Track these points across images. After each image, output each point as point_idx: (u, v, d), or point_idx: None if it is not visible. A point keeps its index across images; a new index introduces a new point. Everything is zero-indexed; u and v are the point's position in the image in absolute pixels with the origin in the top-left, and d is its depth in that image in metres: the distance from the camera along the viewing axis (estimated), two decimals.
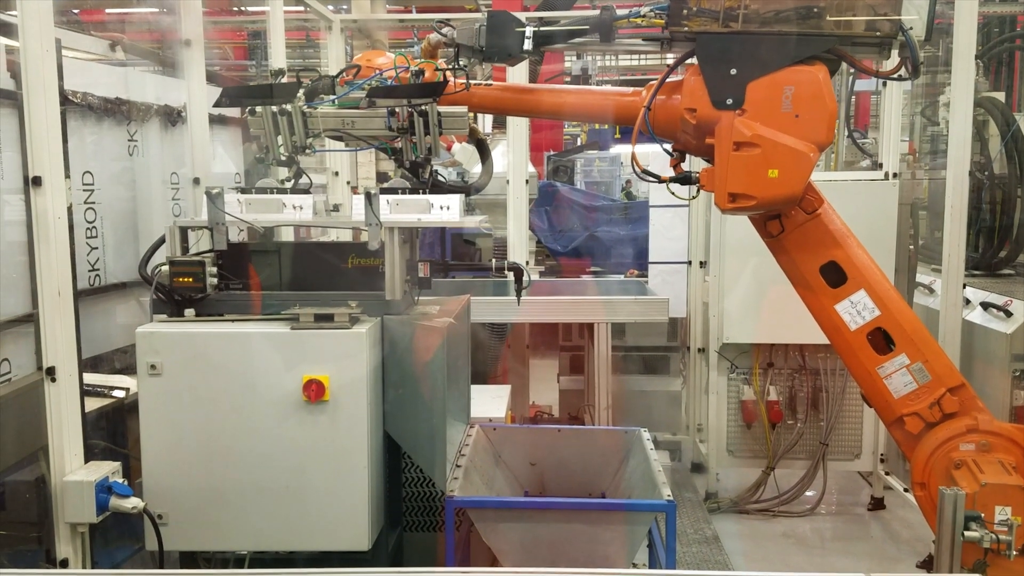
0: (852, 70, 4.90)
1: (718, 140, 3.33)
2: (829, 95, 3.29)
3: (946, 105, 6.19)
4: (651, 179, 3.71)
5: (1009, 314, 5.20)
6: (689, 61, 3.44)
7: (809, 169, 3.34)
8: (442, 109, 3.53)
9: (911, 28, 3.24)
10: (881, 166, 5.73)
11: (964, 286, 5.31)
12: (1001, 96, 7.02)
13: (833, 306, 3.54)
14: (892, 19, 3.22)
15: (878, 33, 3.25)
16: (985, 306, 5.42)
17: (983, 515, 3.07)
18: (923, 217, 6.99)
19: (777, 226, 3.55)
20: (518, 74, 5.38)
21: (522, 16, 3.83)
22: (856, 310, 3.52)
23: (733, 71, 3.28)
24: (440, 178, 3.77)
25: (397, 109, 3.47)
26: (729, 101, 3.30)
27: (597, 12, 3.59)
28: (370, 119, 3.57)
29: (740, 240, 5.68)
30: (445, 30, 3.68)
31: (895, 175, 5.66)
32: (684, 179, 3.59)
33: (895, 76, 3.50)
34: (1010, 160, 6.25)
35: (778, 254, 3.65)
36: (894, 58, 3.38)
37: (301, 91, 3.60)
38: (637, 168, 3.66)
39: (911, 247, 5.79)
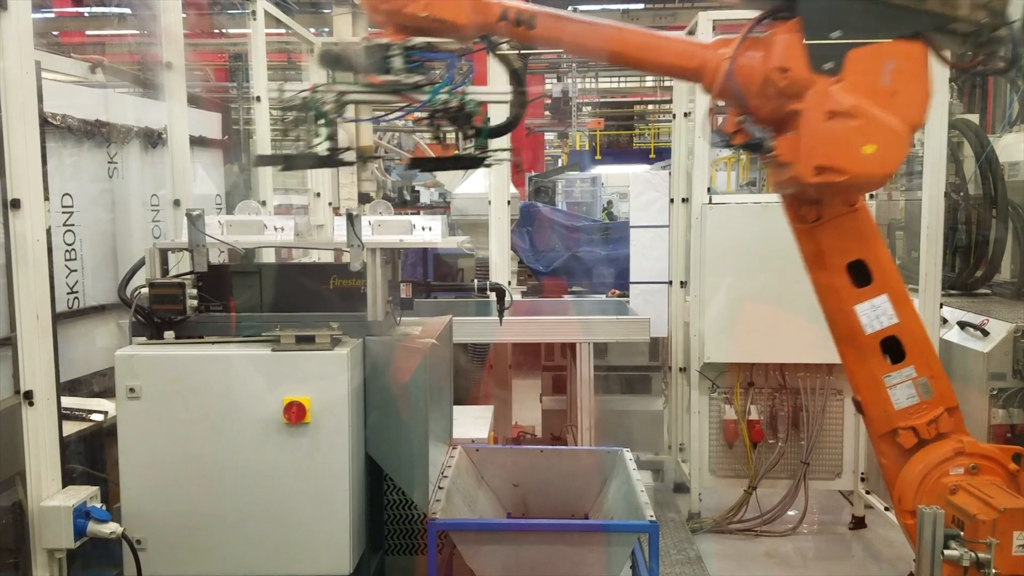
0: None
1: (808, 107, 3.10)
2: (928, 76, 3.12)
3: (921, 127, 6.29)
4: (720, 143, 3.49)
5: (986, 333, 5.25)
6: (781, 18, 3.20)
7: (905, 150, 3.18)
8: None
9: (1015, 21, 3.09)
10: None
11: (941, 306, 5.38)
12: (975, 118, 7.14)
13: (853, 306, 3.44)
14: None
15: (982, 20, 3.06)
16: (962, 325, 5.48)
17: (962, 534, 3.09)
18: (900, 237, 7.08)
19: (813, 213, 3.40)
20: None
21: None
22: (876, 314, 3.44)
23: (837, 34, 3.06)
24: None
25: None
26: (828, 66, 3.07)
27: None
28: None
29: (720, 260, 5.72)
30: None
31: (872, 196, 5.72)
32: (755, 146, 3.33)
33: (995, 70, 3.31)
34: (984, 181, 6.34)
35: (805, 242, 3.51)
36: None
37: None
38: (710, 128, 3.43)
39: None
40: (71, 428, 3.63)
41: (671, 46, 3.46)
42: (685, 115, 6.53)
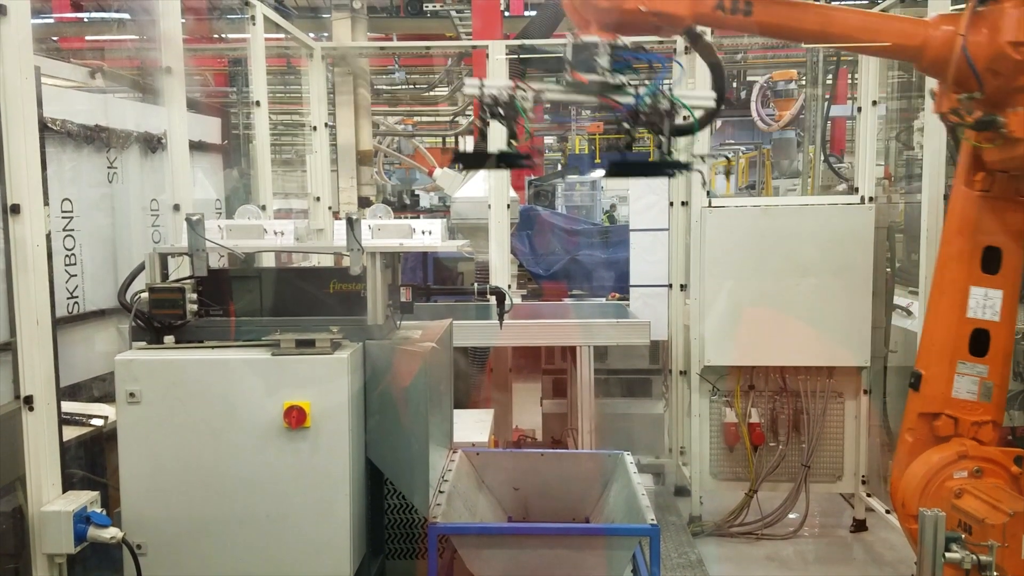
0: (828, 96, 4.64)
1: None
2: None
3: (920, 130, 6.30)
4: (954, 120, 3.35)
5: None
6: None
7: None
8: None
9: None
10: (857, 190, 5.80)
11: None
12: None
13: (970, 285, 3.46)
14: None
15: None
16: None
17: (963, 536, 3.09)
18: (899, 240, 7.07)
19: (986, 182, 3.36)
20: None
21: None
22: (985, 304, 3.46)
23: None
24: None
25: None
26: None
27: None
28: None
29: (720, 263, 5.72)
30: None
31: (871, 199, 5.72)
32: (989, 123, 3.21)
33: None
34: None
35: (961, 204, 3.47)
36: None
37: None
38: (944, 111, 3.32)
39: (888, 270, 5.84)
40: (71, 433, 3.62)
41: (891, 25, 3.41)
42: (684, 119, 6.52)
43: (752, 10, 3.27)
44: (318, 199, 6.41)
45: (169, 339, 3.39)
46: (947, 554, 2.97)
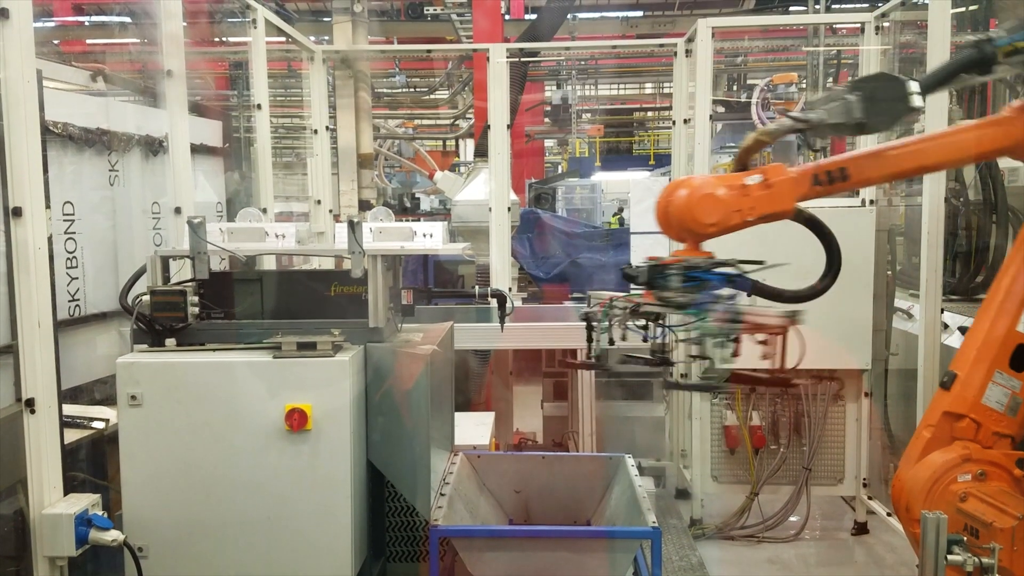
0: None
1: None
2: None
3: (921, 132, 6.28)
4: None
5: None
6: None
7: None
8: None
9: None
10: (858, 193, 5.80)
11: (942, 311, 5.37)
12: None
13: None
14: None
15: None
16: (963, 330, 5.46)
17: (965, 539, 3.08)
18: (900, 243, 7.07)
19: None
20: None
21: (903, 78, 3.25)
22: None
23: None
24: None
25: None
26: None
27: (968, 46, 3.23)
28: None
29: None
30: (798, 113, 3.30)
31: (872, 202, 5.73)
32: None
33: None
34: (984, 187, 6.34)
35: None
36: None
37: None
38: None
39: (889, 273, 5.84)
40: (73, 436, 3.62)
41: (980, 135, 3.43)
42: (685, 121, 6.53)
43: (848, 173, 3.35)
44: (319, 202, 6.41)
45: (170, 342, 3.39)
46: (949, 556, 2.97)
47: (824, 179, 3.35)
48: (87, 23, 12.40)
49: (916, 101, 3.14)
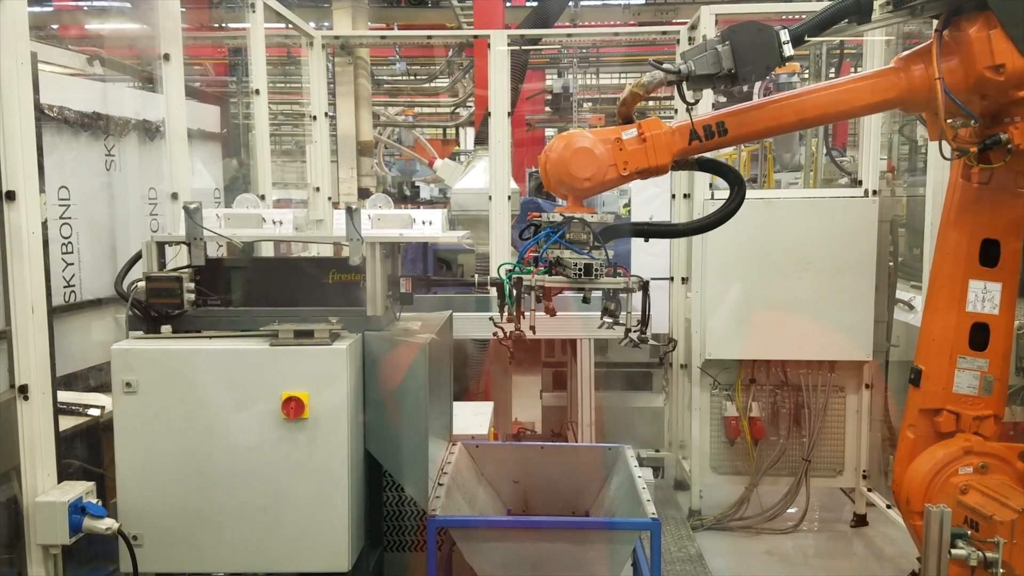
0: None
1: None
2: None
3: (923, 123, 6.25)
4: (958, 150, 3.37)
5: None
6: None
7: None
8: None
9: None
10: (860, 183, 5.76)
11: None
12: None
13: (969, 279, 3.47)
14: None
15: None
16: None
17: (969, 533, 3.06)
18: (902, 234, 7.04)
19: (984, 176, 3.39)
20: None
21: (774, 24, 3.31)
22: (984, 297, 3.47)
23: None
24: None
25: None
26: None
27: None
28: None
29: (722, 256, 5.68)
30: (670, 65, 3.25)
31: (875, 192, 5.69)
32: (993, 143, 3.24)
33: None
34: None
35: (957, 199, 3.51)
36: None
37: None
38: (950, 142, 3.32)
39: (891, 263, 5.81)
40: (67, 423, 3.60)
41: (862, 87, 3.41)
42: (688, 110, 6.48)
43: (726, 127, 3.36)
44: (318, 189, 6.37)
45: (166, 329, 3.36)
46: (952, 550, 2.95)
47: (701, 134, 3.36)
48: (85, 8, 12.31)
49: (787, 50, 3.16)
